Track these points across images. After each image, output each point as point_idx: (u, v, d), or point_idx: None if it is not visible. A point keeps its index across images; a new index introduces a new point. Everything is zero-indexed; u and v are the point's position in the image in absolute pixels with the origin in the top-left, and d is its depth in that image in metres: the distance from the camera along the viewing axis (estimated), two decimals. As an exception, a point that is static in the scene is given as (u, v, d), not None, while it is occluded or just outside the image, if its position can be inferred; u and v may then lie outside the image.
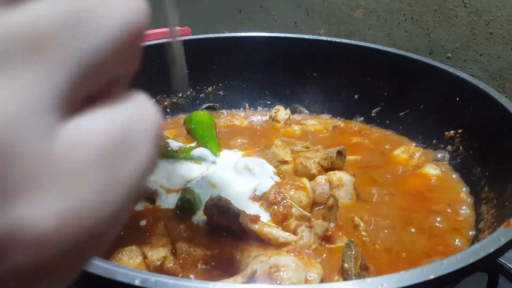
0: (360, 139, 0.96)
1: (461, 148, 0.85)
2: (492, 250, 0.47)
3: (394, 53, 0.97)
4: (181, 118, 1.02)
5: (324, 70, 1.04)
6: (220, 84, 1.08)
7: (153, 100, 0.22)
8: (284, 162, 0.80)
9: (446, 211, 0.74)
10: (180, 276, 0.58)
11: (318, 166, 0.78)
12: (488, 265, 0.64)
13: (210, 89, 1.08)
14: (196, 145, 0.88)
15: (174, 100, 1.05)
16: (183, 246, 0.62)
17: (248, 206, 0.69)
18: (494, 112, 0.75)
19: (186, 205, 0.69)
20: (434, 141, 0.91)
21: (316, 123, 1.01)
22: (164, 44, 0.57)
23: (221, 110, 1.08)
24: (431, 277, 0.43)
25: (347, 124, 1.02)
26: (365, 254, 0.58)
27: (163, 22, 0.54)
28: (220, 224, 0.64)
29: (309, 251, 0.62)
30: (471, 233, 0.70)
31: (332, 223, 0.66)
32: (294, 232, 0.64)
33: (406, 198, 0.77)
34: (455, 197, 0.78)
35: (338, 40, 1.03)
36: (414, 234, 0.69)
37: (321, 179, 0.74)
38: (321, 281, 0.55)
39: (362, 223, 0.68)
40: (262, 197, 0.70)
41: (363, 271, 0.56)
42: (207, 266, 0.61)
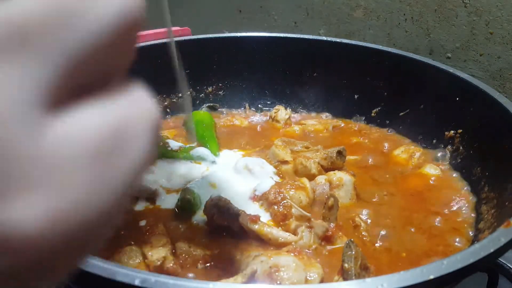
0: (360, 139, 0.96)
1: (461, 148, 0.85)
2: (492, 250, 0.47)
3: (394, 53, 0.97)
4: (181, 118, 1.02)
5: (324, 70, 1.04)
6: (220, 84, 1.08)
7: (152, 95, 0.21)
8: (284, 162, 0.80)
9: (446, 211, 0.74)
10: (180, 276, 0.58)
11: (318, 166, 0.78)
12: (488, 265, 0.64)
13: (210, 89, 1.08)
14: (196, 145, 0.87)
15: (174, 100, 1.04)
16: (183, 246, 0.62)
17: (248, 206, 0.69)
18: (494, 112, 0.75)
19: (186, 205, 0.69)
20: (434, 141, 0.91)
21: (316, 123, 1.01)
22: (164, 44, 0.57)
23: (221, 110, 1.08)
24: (431, 277, 0.43)
25: (347, 124, 1.02)
26: (365, 254, 0.58)
27: (162, 22, 0.54)
28: (220, 224, 0.64)
29: (309, 251, 0.62)
30: (471, 233, 0.70)
31: (332, 223, 0.66)
32: (294, 232, 0.64)
33: (406, 198, 0.77)
34: (455, 197, 0.78)
35: (338, 40, 1.03)
36: (414, 234, 0.69)
37: (321, 179, 0.74)
38: (321, 281, 0.55)
39: (362, 223, 0.68)
40: (262, 197, 0.70)
41: (363, 271, 0.56)
42: (207, 266, 0.61)
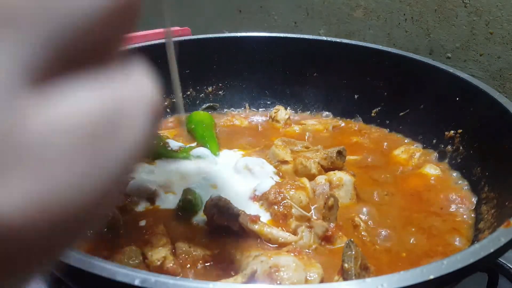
0: (360, 139, 0.96)
1: (461, 148, 0.85)
2: (492, 250, 0.47)
3: (394, 53, 0.97)
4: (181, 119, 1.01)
5: (324, 70, 1.04)
6: (220, 84, 1.08)
7: (152, 72, 0.19)
8: (284, 162, 0.80)
9: (446, 211, 0.74)
10: (180, 276, 0.58)
11: (318, 166, 0.78)
12: (488, 265, 0.64)
13: (210, 89, 1.08)
14: (196, 145, 0.87)
15: (174, 100, 1.04)
16: (183, 246, 0.62)
17: (248, 206, 0.69)
18: (494, 112, 0.75)
19: (188, 206, 0.69)
20: (434, 141, 0.91)
21: (316, 123, 1.01)
22: (164, 44, 0.57)
23: (221, 110, 1.08)
24: (431, 277, 0.43)
25: (347, 124, 1.02)
26: (365, 254, 0.58)
27: (162, 22, 0.54)
28: (220, 224, 0.64)
29: (309, 251, 0.62)
30: (471, 233, 0.70)
31: (332, 223, 0.66)
32: (294, 232, 0.64)
33: (406, 198, 0.77)
34: (455, 197, 0.77)
35: (338, 40, 1.03)
36: (414, 234, 0.69)
37: (321, 179, 0.74)
38: (321, 281, 0.55)
39: (362, 223, 0.68)
40: (262, 197, 0.70)
41: (363, 271, 0.56)
42: (207, 266, 0.61)
